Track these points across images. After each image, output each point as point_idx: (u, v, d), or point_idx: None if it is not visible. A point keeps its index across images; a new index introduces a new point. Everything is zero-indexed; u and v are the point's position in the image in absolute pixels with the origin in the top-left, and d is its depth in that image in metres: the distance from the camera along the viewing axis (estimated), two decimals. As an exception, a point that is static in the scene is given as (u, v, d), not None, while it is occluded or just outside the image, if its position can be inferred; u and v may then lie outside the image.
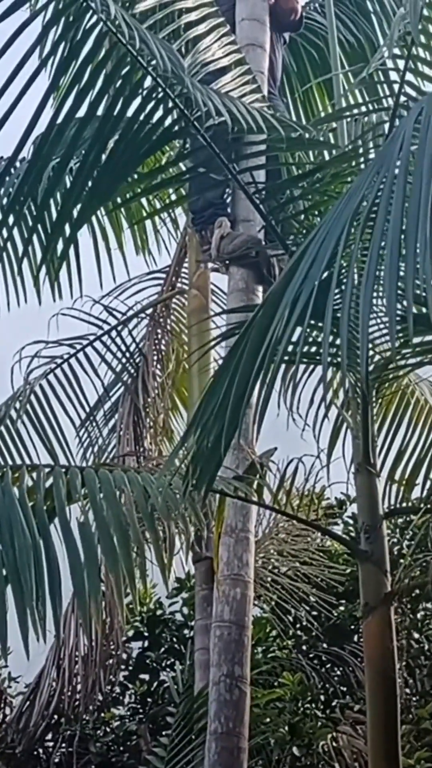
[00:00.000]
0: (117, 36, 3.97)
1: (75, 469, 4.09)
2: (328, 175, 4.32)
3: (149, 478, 4.06)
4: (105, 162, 4.21)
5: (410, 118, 2.93)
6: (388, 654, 4.13)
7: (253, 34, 5.59)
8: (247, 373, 3.20)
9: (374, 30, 6.70)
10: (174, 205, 6.69)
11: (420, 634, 7.16)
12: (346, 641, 7.18)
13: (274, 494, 4.65)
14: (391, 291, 2.69)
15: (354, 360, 4.00)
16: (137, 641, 7.91)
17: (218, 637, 4.79)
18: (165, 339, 7.47)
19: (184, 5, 4.72)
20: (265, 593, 6.71)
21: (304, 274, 2.92)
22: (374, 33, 6.69)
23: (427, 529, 6.02)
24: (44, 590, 3.71)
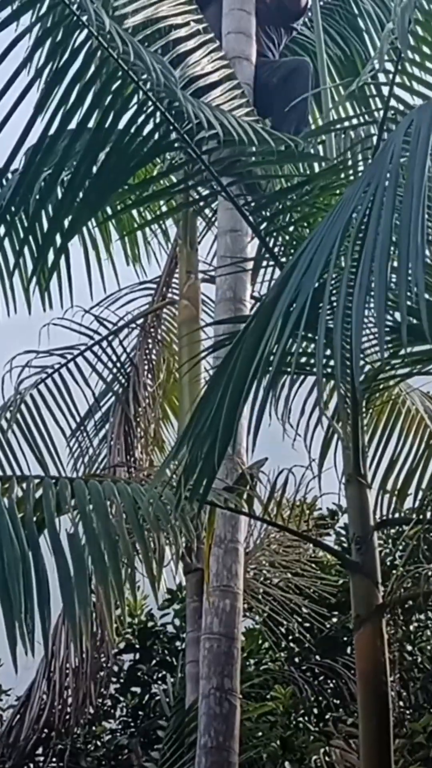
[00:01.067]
0: (108, 50, 3.99)
1: (65, 480, 4.08)
2: (316, 187, 4.34)
3: (139, 489, 4.05)
4: (96, 174, 4.23)
5: (400, 130, 2.94)
6: (380, 666, 4.11)
7: (240, 47, 5.63)
8: (240, 384, 3.20)
9: (365, 45, 6.73)
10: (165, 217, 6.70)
11: (413, 646, 7.14)
12: (339, 653, 7.16)
13: (264, 505, 4.64)
14: (381, 302, 2.70)
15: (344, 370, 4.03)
16: (129, 653, 7.88)
17: (208, 650, 4.78)
18: (156, 349, 7.48)
19: (173, 21, 4.75)
20: (257, 605, 6.70)
21: (296, 285, 2.93)
22: (365, 48, 6.72)
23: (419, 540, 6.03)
24: (33, 602, 3.70)
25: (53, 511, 3.92)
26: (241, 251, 5.18)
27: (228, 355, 3.40)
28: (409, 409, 6.28)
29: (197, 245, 6.97)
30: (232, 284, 5.23)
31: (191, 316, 6.77)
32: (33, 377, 7.08)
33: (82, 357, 7.25)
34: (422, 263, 2.59)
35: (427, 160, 2.70)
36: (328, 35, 6.52)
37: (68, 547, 3.84)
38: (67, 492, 4.01)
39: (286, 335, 2.89)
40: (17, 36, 4.01)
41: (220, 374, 3.43)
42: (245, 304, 5.17)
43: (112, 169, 4.26)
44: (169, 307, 7.42)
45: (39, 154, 4.09)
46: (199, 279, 6.93)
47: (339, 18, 6.76)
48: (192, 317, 6.77)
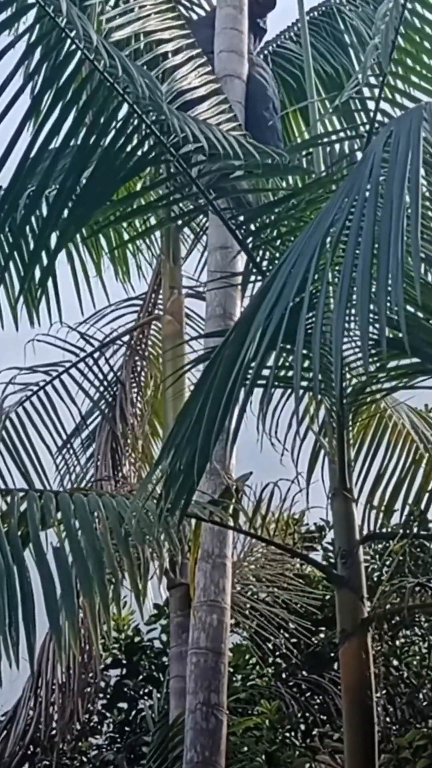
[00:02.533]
0: (94, 63, 4.00)
1: (49, 493, 4.08)
2: (303, 201, 4.35)
3: (124, 503, 4.05)
4: (82, 188, 4.23)
5: (379, 141, 2.95)
6: (365, 680, 4.10)
7: (231, 65, 5.66)
8: (220, 396, 3.19)
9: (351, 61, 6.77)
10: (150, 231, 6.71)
11: (399, 661, 7.12)
12: (325, 669, 7.13)
13: (249, 519, 4.63)
14: (364, 315, 2.69)
15: (329, 384, 4.04)
16: (115, 669, 7.85)
17: (194, 664, 4.76)
18: (142, 365, 7.47)
19: (161, 36, 4.77)
20: (244, 620, 6.67)
21: (275, 296, 2.93)
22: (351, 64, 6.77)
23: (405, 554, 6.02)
24: (17, 616, 3.69)
25: (38, 525, 3.91)
26: (230, 268, 5.19)
27: (208, 366, 3.40)
28: (396, 424, 6.29)
29: (181, 260, 6.98)
30: (222, 300, 5.25)
31: (175, 332, 6.78)
32: (18, 394, 7.05)
33: (67, 374, 7.24)
34: (402, 276, 2.59)
35: (407, 171, 2.71)
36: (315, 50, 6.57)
37: (53, 561, 3.83)
38: (52, 505, 4.00)
39: (264, 347, 2.88)
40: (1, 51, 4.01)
41: (201, 385, 3.43)
42: (234, 320, 5.18)
43: (98, 183, 4.26)
44: (156, 322, 7.42)
45: (24, 169, 4.09)
46: (183, 294, 6.94)
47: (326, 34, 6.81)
48: (176, 332, 6.77)
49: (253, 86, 5.79)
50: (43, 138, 4.09)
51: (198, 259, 6.50)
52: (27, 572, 3.81)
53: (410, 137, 2.77)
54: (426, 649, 7.18)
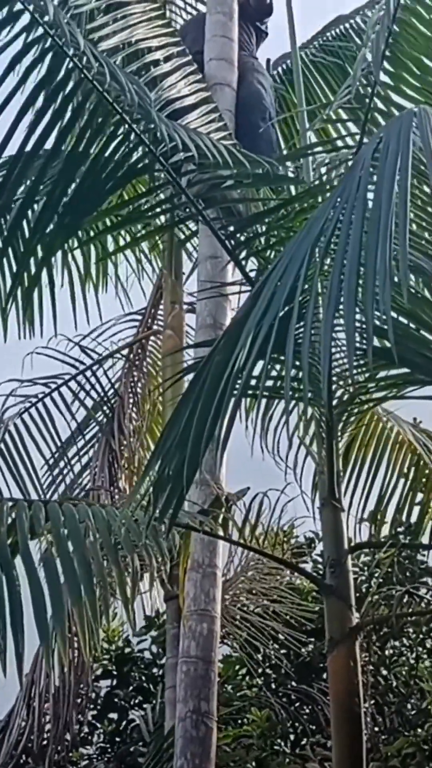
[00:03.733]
0: (83, 71, 4.00)
1: (39, 503, 4.06)
2: (293, 211, 4.35)
3: (113, 512, 4.03)
4: (71, 196, 4.22)
5: (369, 148, 2.94)
6: (353, 689, 4.10)
7: (221, 73, 5.66)
8: (209, 403, 3.19)
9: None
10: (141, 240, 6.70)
11: (388, 671, 7.12)
12: (315, 679, 7.13)
13: (240, 529, 4.63)
14: (351, 324, 2.69)
15: (318, 394, 4.04)
16: (106, 680, 7.82)
17: (185, 673, 4.76)
18: (141, 380, 7.47)
19: (149, 44, 4.77)
20: (235, 631, 6.67)
21: (265, 305, 2.93)
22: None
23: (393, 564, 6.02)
24: (5, 626, 3.67)
25: (27, 534, 3.90)
26: (221, 277, 5.19)
27: (197, 373, 3.40)
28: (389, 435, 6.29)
29: (182, 276, 6.99)
30: (213, 310, 5.25)
31: (175, 347, 6.78)
32: (17, 406, 7.05)
33: (66, 386, 7.24)
34: (390, 284, 2.59)
35: (396, 177, 2.70)
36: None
37: (43, 571, 3.82)
38: (41, 515, 3.99)
39: (253, 356, 2.88)
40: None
41: (190, 392, 3.43)
42: (225, 330, 5.18)
43: (87, 192, 4.26)
44: (154, 337, 7.43)
45: (11, 178, 4.09)
46: (184, 309, 6.95)
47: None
48: (176, 347, 6.77)
49: (250, 94, 5.79)
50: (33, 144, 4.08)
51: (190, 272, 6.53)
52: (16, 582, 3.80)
53: (400, 143, 2.76)
54: (414, 659, 7.19)
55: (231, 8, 5.93)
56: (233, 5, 5.97)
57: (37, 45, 3.98)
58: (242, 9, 6.04)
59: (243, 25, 6.06)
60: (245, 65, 5.94)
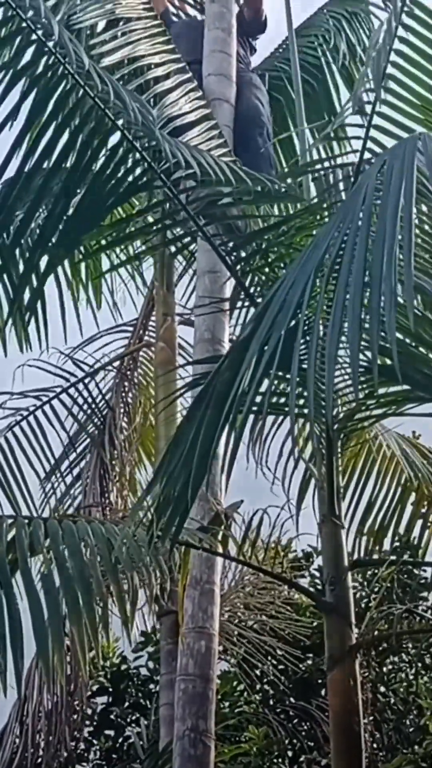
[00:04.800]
0: (85, 88, 4.01)
1: (38, 520, 4.05)
2: (293, 228, 4.36)
3: (113, 530, 4.02)
4: (72, 213, 4.23)
5: (372, 170, 2.96)
6: (352, 707, 4.08)
7: (220, 89, 5.68)
8: (214, 424, 3.19)
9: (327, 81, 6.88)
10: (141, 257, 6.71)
11: (386, 688, 7.10)
12: (313, 696, 7.11)
13: (239, 546, 4.62)
14: (355, 343, 2.70)
15: (318, 411, 4.04)
16: (102, 696, 7.79)
17: (182, 691, 4.74)
18: (132, 392, 7.46)
19: (151, 61, 4.78)
20: (232, 647, 6.65)
21: (269, 324, 2.93)
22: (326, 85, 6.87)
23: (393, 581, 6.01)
24: (5, 643, 3.66)
25: (26, 552, 3.88)
26: (219, 292, 5.20)
27: (201, 392, 3.39)
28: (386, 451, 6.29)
29: (174, 288, 6.99)
30: (211, 325, 5.25)
31: (167, 359, 6.78)
32: (7, 419, 7.04)
33: (57, 399, 7.23)
34: (394, 304, 2.59)
35: (400, 200, 2.72)
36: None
37: (41, 588, 3.81)
38: (41, 532, 3.97)
39: (259, 374, 2.88)
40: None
41: (194, 412, 3.42)
42: (223, 345, 5.18)
43: (88, 207, 4.26)
44: (146, 349, 7.43)
45: (13, 194, 4.09)
46: (176, 321, 6.94)
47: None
48: (168, 360, 6.77)
49: (248, 109, 5.81)
50: (34, 161, 4.09)
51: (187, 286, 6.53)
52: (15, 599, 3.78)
53: (404, 167, 2.78)
54: (412, 675, 7.17)
55: (230, 24, 5.96)
56: (232, 21, 6.00)
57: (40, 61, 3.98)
58: (237, 24, 6.07)
59: (238, 39, 6.09)
60: (242, 80, 5.97)
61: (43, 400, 7.18)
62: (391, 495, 6.22)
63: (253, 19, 6.39)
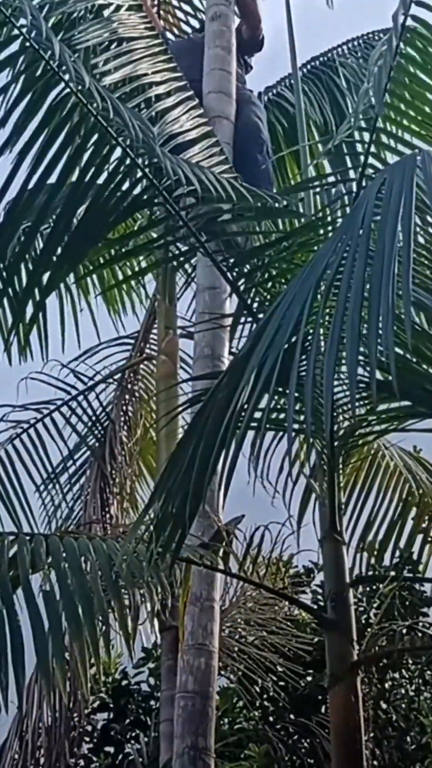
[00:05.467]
0: (87, 107, 4.03)
1: (40, 536, 4.06)
2: (294, 244, 4.37)
3: (114, 546, 4.02)
4: (75, 229, 4.25)
5: (373, 188, 2.97)
6: (354, 725, 4.07)
7: (220, 106, 5.71)
8: (213, 440, 3.19)
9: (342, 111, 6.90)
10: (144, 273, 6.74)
11: (388, 704, 7.07)
12: (313, 712, 7.07)
13: (240, 562, 4.61)
14: (353, 358, 2.70)
15: (320, 427, 4.04)
16: (102, 713, 7.76)
17: (182, 708, 4.72)
18: (132, 405, 7.46)
19: (152, 78, 4.80)
20: (232, 663, 6.62)
21: (269, 340, 2.94)
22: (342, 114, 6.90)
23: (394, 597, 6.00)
24: (7, 660, 3.65)
25: (28, 568, 3.89)
26: (219, 308, 5.20)
27: (201, 409, 3.40)
28: (388, 466, 6.29)
29: (176, 301, 7.00)
30: (211, 341, 5.25)
31: (169, 372, 6.78)
32: (8, 431, 7.04)
33: (58, 412, 7.23)
34: (392, 319, 2.60)
35: (399, 219, 2.73)
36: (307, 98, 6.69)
37: (43, 604, 3.81)
38: (42, 549, 3.98)
39: (258, 390, 2.89)
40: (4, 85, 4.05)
41: (193, 429, 3.43)
42: (223, 361, 5.19)
43: (90, 224, 4.28)
44: (147, 362, 7.43)
45: (17, 209, 4.11)
46: (178, 335, 6.95)
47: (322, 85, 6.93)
48: (170, 373, 6.77)
49: (248, 126, 5.84)
50: (38, 178, 4.11)
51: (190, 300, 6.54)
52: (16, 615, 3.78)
53: (403, 184, 2.80)
54: (413, 691, 7.14)
55: (229, 42, 5.99)
56: (231, 39, 6.04)
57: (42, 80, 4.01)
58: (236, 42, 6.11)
59: (237, 57, 6.13)
60: (241, 97, 6.00)
61: (44, 413, 7.18)
62: (392, 510, 6.21)
63: (251, 37, 6.43)
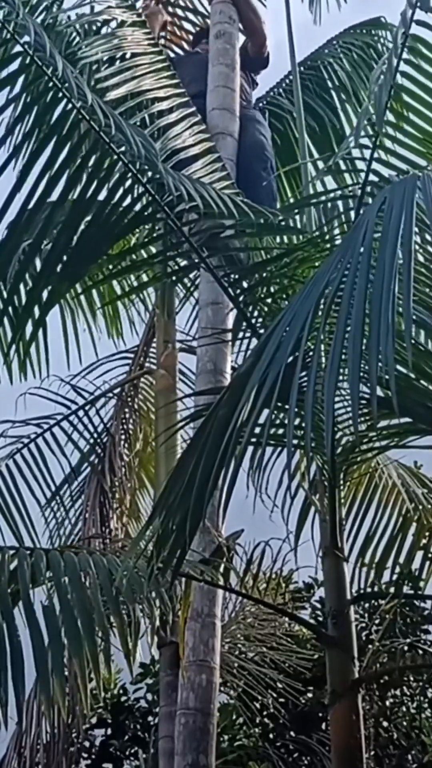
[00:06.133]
0: (90, 123, 4.05)
1: (40, 551, 4.05)
2: (295, 259, 4.38)
3: (114, 561, 4.02)
4: (76, 244, 4.26)
5: (374, 206, 2.99)
6: (355, 743, 4.05)
7: (224, 123, 5.73)
8: (213, 455, 3.19)
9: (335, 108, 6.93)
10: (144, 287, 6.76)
11: (389, 722, 7.05)
12: (313, 729, 7.04)
13: (240, 578, 4.60)
14: (355, 375, 2.71)
15: (320, 443, 4.04)
16: (100, 729, 7.73)
17: (183, 725, 4.70)
18: (132, 419, 7.46)
19: (156, 94, 4.82)
20: (232, 679, 6.60)
21: (270, 356, 2.95)
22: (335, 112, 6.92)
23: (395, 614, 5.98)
24: (6, 675, 3.64)
25: (28, 583, 3.88)
26: (221, 323, 5.21)
27: (202, 425, 3.41)
28: (386, 482, 6.28)
29: (175, 315, 7.01)
30: (213, 356, 5.26)
31: (168, 386, 6.78)
32: (9, 447, 7.05)
33: (58, 427, 7.23)
34: (392, 340, 2.61)
35: (399, 238, 2.74)
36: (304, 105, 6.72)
37: (43, 619, 3.80)
38: (43, 563, 3.98)
39: (258, 406, 2.89)
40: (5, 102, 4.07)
41: (194, 444, 3.43)
42: (225, 376, 5.19)
43: (91, 239, 4.29)
44: (147, 376, 7.43)
45: (19, 225, 4.12)
46: (177, 349, 6.96)
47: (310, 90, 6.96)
48: (169, 387, 6.77)
49: (253, 143, 5.86)
50: (39, 194, 4.12)
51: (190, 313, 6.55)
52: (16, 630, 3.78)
53: (404, 203, 2.81)
54: (415, 710, 7.12)
55: (233, 60, 6.03)
56: (235, 57, 6.07)
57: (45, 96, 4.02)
58: (241, 59, 6.13)
59: (242, 74, 6.15)
60: (246, 115, 6.03)
61: (44, 428, 7.19)
62: (391, 526, 6.20)
63: (257, 54, 6.47)
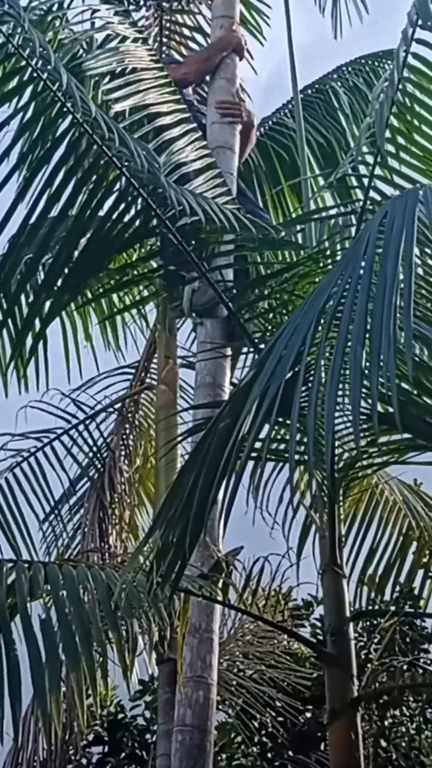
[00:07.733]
0: (93, 137, 4.05)
1: (38, 564, 4.03)
2: (296, 275, 4.38)
3: (113, 575, 4.00)
4: (77, 258, 4.26)
5: (374, 221, 2.99)
6: (354, 762, 4.02)
7: (224, 137, 5.74)
8: (213, 470, 3.18)
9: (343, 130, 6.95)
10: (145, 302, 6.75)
11: (388, 742, 7.00)
12: (312, 749, 7.00)
13: (239, 594, 4.58)
14: (356, 390, 2.70)
15: (320, 458, 4.03)
16: (97, 746, 7.69)
17: (180, 742, 4.66)
18: (133, 434, 7.46)
19: (159, 109, 4.83)
20: (230, 697, 6.56)
21: (270, 371, 2.94)
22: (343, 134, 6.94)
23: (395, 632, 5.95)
24: (3, 690, 3.62)
25: (26, 596, 3.86)
26: (221, 337, 5.20)
27: (202, 439, 3.39)
28: (387, 500, 6.27)
29: (176, 331, 7.01)
30: (212, 370, 5.24)
31: (169, 402, 6.78)
32: (8, 460, 7.03)
33: (58, 441, 7.22)
34: (394, 352, 2.60)
35: (400, 253, 2.74)
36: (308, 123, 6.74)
37: (40, 633, 3.78)
38: (41, 577, 3.95)
39: (259, 421, 2.88)
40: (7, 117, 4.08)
41: (193, 458, 3.42)
42: (224, 390, 5.18)
43: (92, 254, 4.30)
44: (147, 392, 7.43)
45: (20, 240, 4.12)
46: (178, 364, 6.96)
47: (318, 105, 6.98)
48: (170, 402, 6.77)
49: None
50: (41, 208, 4.13)
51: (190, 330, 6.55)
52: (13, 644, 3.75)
53: (405, 217, 2.82)
54: (414, 730, 7.07)
55: (233, 74, 6.04)
56: (235, 71, 6.09)
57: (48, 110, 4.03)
58: None
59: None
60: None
61: (44, 442, 7.18)
62: (392, 544, 6.18)
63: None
